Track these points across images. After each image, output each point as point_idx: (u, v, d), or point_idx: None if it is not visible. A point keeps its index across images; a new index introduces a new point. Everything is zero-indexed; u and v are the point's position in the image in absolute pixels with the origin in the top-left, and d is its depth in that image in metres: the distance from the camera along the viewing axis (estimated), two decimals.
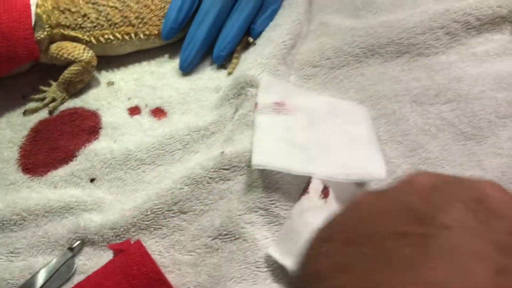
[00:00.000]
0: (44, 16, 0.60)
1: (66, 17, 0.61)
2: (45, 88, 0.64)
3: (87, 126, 0.61)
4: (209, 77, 0.65)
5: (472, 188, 0.25)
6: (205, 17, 0.64)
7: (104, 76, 0.65)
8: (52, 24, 0.60)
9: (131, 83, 0.65)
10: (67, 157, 0.58)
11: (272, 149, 0.52)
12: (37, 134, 0.61)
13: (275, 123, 0.55)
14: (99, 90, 0.64)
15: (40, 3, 0.59)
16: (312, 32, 0.67)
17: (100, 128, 0.60)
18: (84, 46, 0.62)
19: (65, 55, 0.61)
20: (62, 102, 0.63)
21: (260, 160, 0.50)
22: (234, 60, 0.65)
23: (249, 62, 0.61)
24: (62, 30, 0.61)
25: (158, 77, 0.65)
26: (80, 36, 0.62)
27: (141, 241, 0.47)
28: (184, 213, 0.52)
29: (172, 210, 0.52)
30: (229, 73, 0.64)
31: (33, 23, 0.59)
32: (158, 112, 0.62)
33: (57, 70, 0.65)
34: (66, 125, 0.61)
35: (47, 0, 0.60)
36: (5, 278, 0.50)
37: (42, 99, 0.63)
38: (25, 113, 0.62)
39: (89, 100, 0.63)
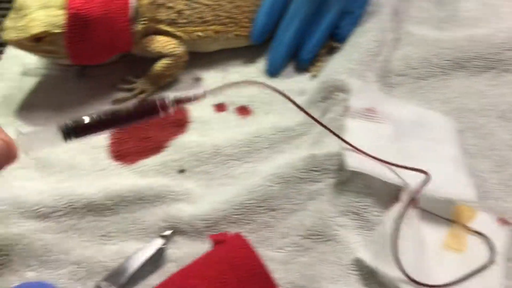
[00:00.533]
0: (141, 9, 0.62)
1: (161, 12, 0.63)
2: (134, 80, 0.66)
3: (175, 119, 0.62)
4: (293, 80, 0.66)
5: None
6: (292, 21, 0.65)
7: (191, 72, 0.67)
8: (148, 17, 0.62)
9: (218, 80, 0.66)
10: (157, 147, 0.60)
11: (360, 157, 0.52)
12: None
13: (366, 130, 0.55)
14: (187, 85, 0.66)
15: None
16: (397, 41, 0.68)
17: (188, 122, 0.62)
18: (176, 41, 0.63)
19: (158, 49, 0.63)
20: (150, 95, 0.65)
21: (354, 162, 0.51)
22: (318, 64, 0.66)
23: (337, 67, 0.62)
24: (156, 24, 0.63)
25: (243, 77, 0.66)
26: (172, 31, 0.64)
27: (241, 234, 0.48)
28: (273, 210, 0.53)
29: (262, 206, 0.53)
30: (313, 76, 0.65)
31: (130, 15, 0.60)
32: (243, 110, 0.63)
33: (145, 62, 0.67)
34: (152, 117, 0.63)
35: None
36: (98, 259, 0.52)
37: (131, 90, 0.65)
38: (114, 102, 0.64)
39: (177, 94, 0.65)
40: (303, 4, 0.64)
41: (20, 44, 0.58)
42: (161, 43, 0.63)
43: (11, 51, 0.69)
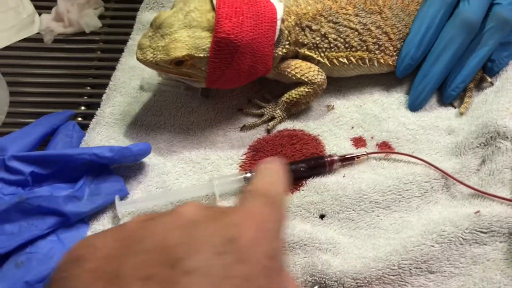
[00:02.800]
0: (286, 32, 0.56)
1: (305, 35, 0.57)
2: (263, 104, 0.61)
3: (309, 152, 0.57)
4: (437, 115, 0.60)
5: (228, 225, 0.25)
6: (443, 54, 0.58)
7: (324, 98, 0.61)
8: (291, 41, 0.57)
9: (353, 110, 0.60)
10: (293, 185, 0.55)
11: None
12: (256, 153, 0.58)
13: None
14: (319, 113, 0.60)
15: (284, 17, 0.56)
16: None
17: (324, 154, 0.57)
18: (318, 68, 0.58)
19: (299, 75, 0.57)
20: (280, 122, 0.60)
21: None
22: (466, 99, 0.59)
23: (499, 109, 0.55)
24: (297, 48, 0.57)
25: (381, 107, 0.61)
26: (314, 55, 0.58)
27: None
28: (432, 273, 0.48)
29: (420, 268, 0.48)
30: (461, 113, 0.59)
31: (275, 38, 0.55)
32: (385, 147, 0.57)
33: (273, 84, 0.62)
34: (285, 148, 0.58)
35: (291, 15, 0.56)
36: None
37: (260, 115, 0.60)
38: (242, 128, 0.59)
39: (309, 123, 0.60)
40: (457, 36, 0.57)
41: (157, 65, 0.53)
42: (302, 69, 0.57)
43: (126, 63, 0.65)
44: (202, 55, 0.52)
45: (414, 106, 0.60)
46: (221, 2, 0.51)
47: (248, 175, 0.53)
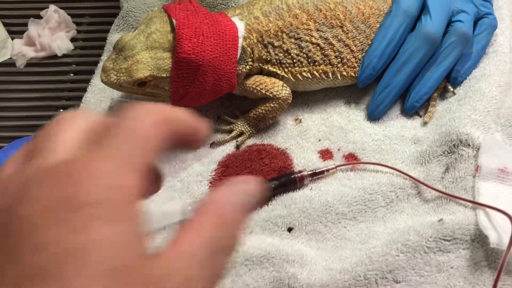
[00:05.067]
0: (249, 49, 0.57)
1: (268, 52, 0.58)
2: (231, 120, 0.61)
3: (278, 166, 0.58)
4: (403, 124, 0.60)
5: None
6: (405, 65, 0.59)
7: (291, 112, 0.62)
8: (254, 58, 0.58)
9: (320, 122, 0.61)
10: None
11: (504, 227, 0.47)
12: (226, 169, 0.58)
13: (500, 194, 0.50)
14: (287, 127, 0.61)
15: (246, 35, 0.57)
16: None
17: (292, 169, 0.58)
18: (282, 82, 0.59)
19: (263, 91, 0.58)
20: (249, 137, 0.61)
21: (498, 239, 0.46)
22: (430, 109, 0.60)
23: (461, 117, 0.56)
24: (261, 64, 0.58)
25: (347, 119, 0.61)
26: (278, 71, 0.59)
27: None
28: (398, 282, 0.48)
29: (386, 278, 0.48)
30: (425, 123, 0.60)
31: (238, 56, 0.56)
32: (352, 159, 0.58)
33: (240, 99, 0.63)
34: (254, 162, 0.59)
35: (253, 32, 0.57)
36: None
37: (229, 131, 0.61)
38: (212, 145, 0.60)
39: (277, 137, 0.60)
40: (420, 48, 0.58)
41: (121, 87, 0.54)
42: (266, 84, 0.58)
43: (97, 84, 0.65)
44: (164, 75, 0.53)
45: (373, 115, 0.61)
46: (181, 24, 0.52)
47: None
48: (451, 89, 0.61)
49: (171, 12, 0.53)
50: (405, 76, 0.59)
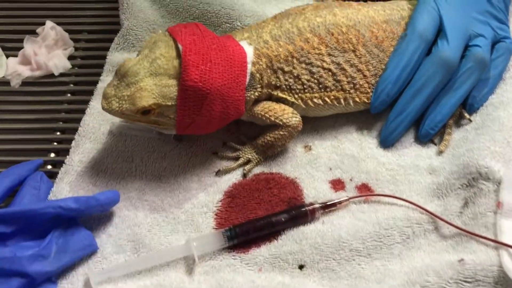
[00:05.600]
0: (258, 75, 0.54)
1: (277, 77, 0.55)
2: (238, 147, 0.58)
3: (287, 197, 0.55)
4: (418, 153, 0.58)
5: None
6: (420, 91, 0.57)
7: (300, 139, 0.59)
8: (263, 84, 0.55)
9: (330, 150, 0.59)
10: (271, 233, 0.52)
11: None
12: (232, 200, 0.55)
13: None
14: (297, 155, 0.58)
15: (255, 61, 0.54)
16: None
17: (302, 200, 0.55)
18: (292, 109, 0.56)
19: (272, 118, 0.55)
20: (256, 165, 0.58)
21: None
22: (446, 137, 0.58)
23: (480, 148, 0.53)
24: (270, 90, 0.56)
25: (359, 146, 0.59)
26: (287, 97, 0.56)
27: None
28: None
29: None
30: (441, 151, 0.57)
31: (246, 82, 0.53)
32: (365, 190, 0.55)
33: (246, 125, 0.60)
34: (262, 193, 0.56)
35: (262, 58, 0.54)
36: None
37: (236, 159, 0.58)
38: (217, 173, 0.57)
39: (286, 166, 0.58)
40: (436, 74, 0.56)
41: (123, 115, 0.51)
42: (276, 111, 0.55)
43: (96, 107, 0.62)
44: (169, 104, 0.50)
45: (387, 142, 0.58)
46: (187, 49, 0.49)
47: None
48: (467, 116, 0.58)
49: (177, 36, 0.51)
50: (420, 102, 0.57)
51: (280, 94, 0.56)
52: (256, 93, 0.55)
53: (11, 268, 0.47)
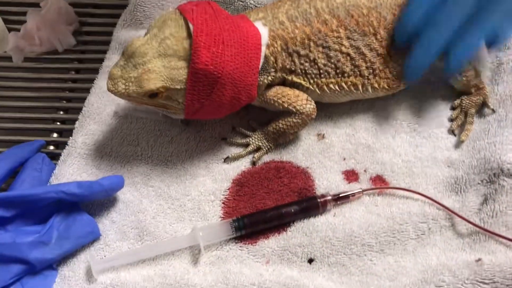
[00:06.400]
0: (272, 58, 0.51)
1: (293, 61, 0.52)
2: (248, 133, 0.56)
3: (297, 187, 0.53)
4: (436, 144, 0.55)
5: None
6: (449, 20, 0.51)
7: (313, 126, 0.57)
8: (277, 67, 0.52)
9: (344, 139, 0.56)
10: (280, 225, 0.51)
11: None
12: (240, 188, 0.53)
13: None
14: (309, 143, 0.56)
15: (270, 43, 0.51)
16: None
17: (314, 192, 0.53)
18: (306, 96, 0.53)
19: (285, 104, 0.52)
20: (267, 152, 0.55)
21: None
22: (468, 126, 0.55)
23: (503, 142, 0.51)
24: (285, 75, 0.53)
25: (375, 136, 0.56)
26: (302, 82, 0.53)
27: None
28: None
29: None
30: (462, 141, 0.54)
31: (260, 66, 0.50)
32: (379, 182, 0.53)
33: (257, 109, 0.57)
34: (271, 182, 0.53)
35: (277, 40, 0.51)
36: None
37: (245, 145, 0.56)
38: (226, 160, 0.55)
39: (297, 154, 0.55)
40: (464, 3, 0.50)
41: (130, 97, 0.49)
42: (290, 98, 0.52)
43: (101, 86, 0.60)
44: (178, 87, 0.47)
45: (415, 77, 0.53)
46: (198, 30, 0.46)
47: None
48: (491, 106, 0.55)
49: (188, 16, 0.48)
50: (449, 30, 0.51)
51: (295, 79, 0.53)
52: (270, 78, 0.52)
53: (11, 255, 0.46)
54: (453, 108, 0.57)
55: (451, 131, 0.56)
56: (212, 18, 0.48)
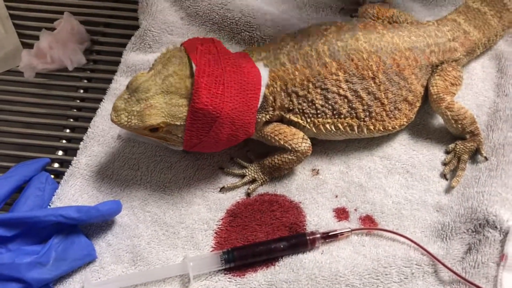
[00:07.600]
0: (271, 97, 0.53)
1: (291, 101, 0.54)
2: (245, 164, 0.58)
3: (289, 222, 0.55)
4: (426, 188, 0.56)
5: None
6: None
7: (308, 161, 0.58)
8: (276, 106, 0.54)
9: (338, 176, 0.57)
10: (268, 259, 0.52)
11: None
12: (233, 219, 0.55)
13: None
14: (303, 178, 0.58)
15: (270, 83, 0.53)
16: None
17: (304, 227, 0.54)
18: (303, 134, 0.55)
19: (281, 141, 0.54)
20: (262, 185, 0.57)
21: None
22: (459, 172, 0.56)
23: (491, 193, 0.52)
24: (282, 113, 0.54)
25: (367, 175, 0.57)
26: (300, 121, 0.55)
27: None
28: None
29: None
30: (453, 187, 0.56)
31: (259, 104, 0.52)
32: (369, 222, 0.55)
33: (255, 142, 0.59)
34: (264, 215, 0.55)
35: (277, 80, 0.53)
36: None
37: (241, 176, 0.57)
38: (222, 189, 0.57)
39: (291, 188, 0.57)
40: None
41: (132, 129, 0.51)
42: (286, 135, 0.54)
43: (107, 108, 0.62)
44: (178, 123, 0.49)
45: None
46: (201, 70, 0.48)
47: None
48: (484, 154, 0.56)
49: (192, 55, 0.49)
50: None
51: (292, 117, 0.55)
52: (268, 116, 0.54)
53: (10, 274, 0.48)
54: (447, 152, 0.58)
55: (443, 175, 0.57)
56: (215, 58, 0.50)
